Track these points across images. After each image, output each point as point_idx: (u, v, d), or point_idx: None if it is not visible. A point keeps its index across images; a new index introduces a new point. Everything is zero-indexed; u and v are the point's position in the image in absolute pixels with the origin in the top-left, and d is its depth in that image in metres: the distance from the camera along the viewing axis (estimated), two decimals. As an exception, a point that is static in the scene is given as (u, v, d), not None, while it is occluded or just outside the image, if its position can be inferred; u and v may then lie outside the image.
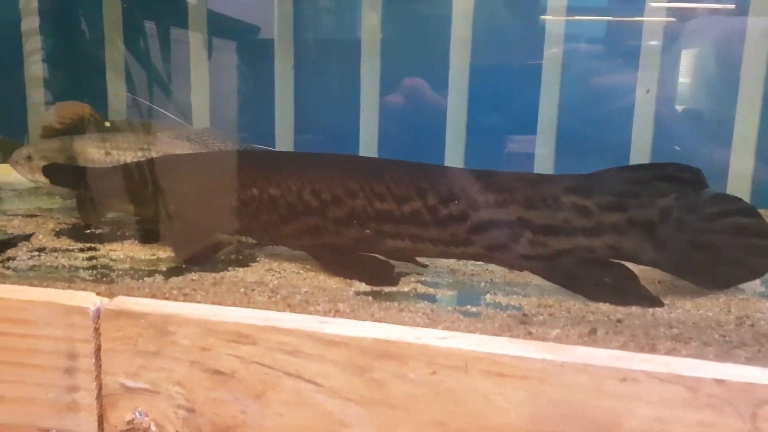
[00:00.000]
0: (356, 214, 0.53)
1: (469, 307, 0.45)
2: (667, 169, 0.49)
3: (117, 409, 0.38)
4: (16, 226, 0.68)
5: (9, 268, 0.53)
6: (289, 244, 0.59)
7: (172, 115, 0.95)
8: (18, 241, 0.61)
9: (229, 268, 0.54)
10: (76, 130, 0.78)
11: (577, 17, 0.89)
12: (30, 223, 0.70)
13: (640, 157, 0.87)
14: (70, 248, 0.60)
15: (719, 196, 0.49)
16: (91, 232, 0.68)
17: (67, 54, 1.08)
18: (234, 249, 0.61)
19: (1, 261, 0.55)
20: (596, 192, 0.48)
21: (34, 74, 1.04)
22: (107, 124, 0.80)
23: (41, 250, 0.59)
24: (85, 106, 0.80)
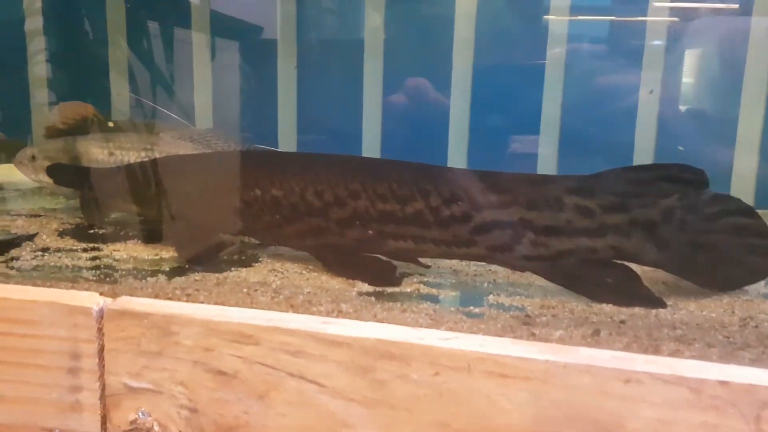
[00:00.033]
0: (359, 214, 0.53)
1: (472, 307, 0.45)
2: (670, 169, 0.49)
3: (120, 409, 0.38)
4: (19, 226, 0.68)
5: (13, 268, 0.53)
6: (292, 244, 0.59)
7: (175, 115, 0.96)
8: (22, 241, 0.61)
9: (232, 269, 0.54)
10: (79, 130, 0.78)
11: (580, 17, 0.89)
12: (34, 223, 0.70)
13: (643, 157, 0.86)
14: (74, 248, 0.60)
15: (719, 196, 0.49)
16: (94, 232, 0.68)
17: (71, 54, 1.08)
18: (237, 249, 0.61)
19: (4, 261, 0.55)
20: (599, 193, 0.48)
21: (38, 74, 1.04)
22: (110, 124, 0.80)
23: (45, 250, 0.59)
24: (88, 107, 0.80)
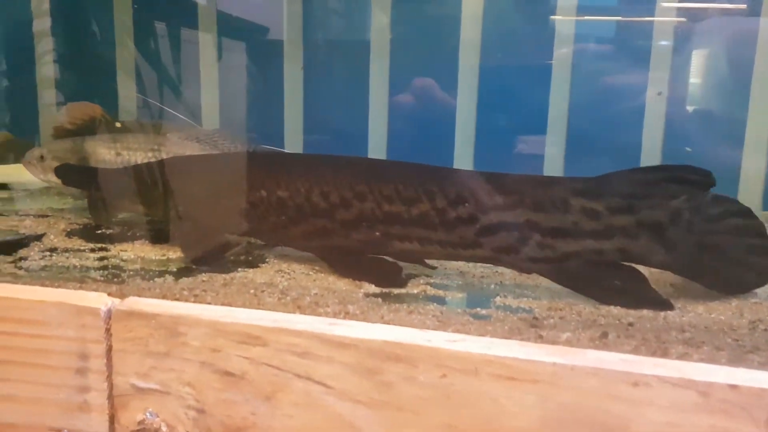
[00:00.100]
0: (364, 216, 0.53)
1: (478, 309, 0.45)
2: (678, 171, 0.49)
3: (128, 409, 0.38)
4: (27, 226, 0.68)
5: (21, 268, 0.54)
6: (298, 245, 0.59)
7: (181, 116, 0.96)
8: (30, 241, 0.61)
9: (239, 269, 0.54)
10: (87, 130, 0.78)
11: (587, 17, 0.89)
12: (42, 223, 0.71)
13: (650, 158, 0.86)
14: (82, 248, 0.60)
15: (719, 197, 0.48)
16: (102, 232, 0.68)
17: (78, 55, 1.08)
18: (243, 250, 0.62)
19: (13, 261, 0.55)
20: (606, 194, 0.48)
21: (46, 75, 1.05)
22: (118, 124, 0.80)
23: (53, 250, 0.59)
24: (96, 107, 0.80)
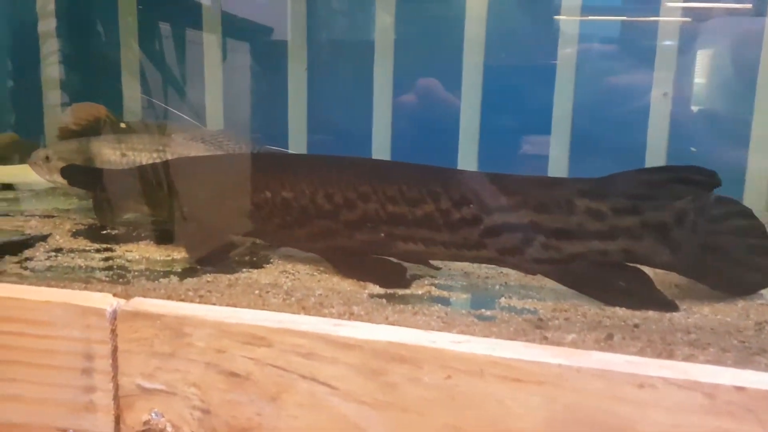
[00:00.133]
0: (369, 217, 0.53)
1: (483, 310, 0.45)
2: (683, 171, 0.49)
3: (133, 409, 0.38)
4: (33, 227, 0.69)
5: (26, 268, 0.54)
6: (302, 246, 0.59)
7: (186, 116, 0.96)
8: (35, 241, 0.62)
9: (244, 270, 0.54)
10: (92, 131, 0.79)
11: (591, 17, 0.89)
12: (47, 223, 0.71)
13: (655, 158, 0.86)
14: (87, 249, 0.61)
15: (722, 199, 0.48)
16: (107, 232, 0.69)
17: (83, 56, 1.09)
18: (247, 250, 0.62)
19: (18, 261, 0.55)
20: (610, 195, 0.48)
21: (51, 76, 1.05)
22: (123, 125, 0.80)
23: (58, 250, 0.59)
24: (100, 108, 0.81)
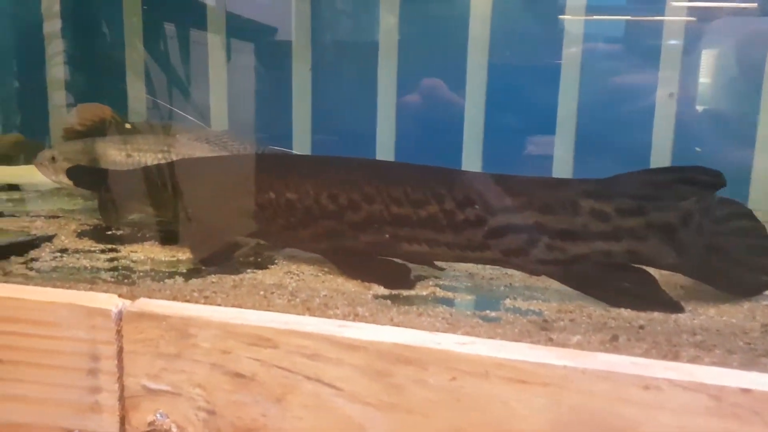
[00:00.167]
0: (373, 218, 0.53)
1: (488, 312, 0.45)
2: (688, 172, 0.48)
3: (139, 410, 0.38)
4: (38, 227, 0.69)
5: (32, 269, 0.54)
6: (306, 247, 0.59)
7: (190, 117, 0.96)
8: (41, 242, 0.62)
9: (248, 271, 0.54)
10: (97, 131, 0.79)
11: (596, 17, 0.88)
12: (52, 224, 0.71)
13: (660, 158, 0.86)
14: (92, 249, 0.61)
15: (724, 200, 0.48)
16: (112, 233, 0.69)
17: (88, 56, 1.09)
18: (251, 250, 0.62)
19: (24, 262, 0.56)
20: (615, 196, 0.48)
21: (56, 76, 1.05)
22: (128, 125, 0.81)
23: (63, 251, 0.60)
24: (105, 108, 0.81)
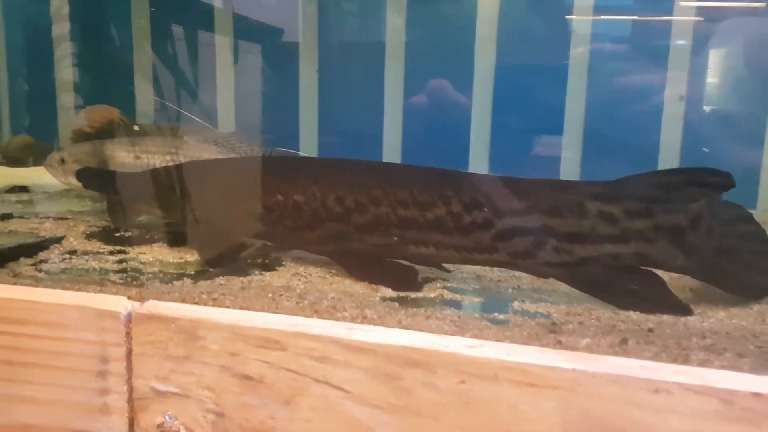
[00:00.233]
0: (380, 220, 0.53)
1: (496, 314, 0.45)
2: (696, 173, 0.48)
3: (147, 412, 0.38)
4: (47, 229, 0.69)
5: (41, 270, 0.54)
6: (313, 249, 0.59)
7: (198, 118, 0.97)
8: (50, 243, 0.62)
9: (256, 273, 0.55)
10: (105, 133, 0.79)
11: (603, 17, 0.88)
12: (61, 225, 0.71)
13: (668, 159, 0.85)
14: (101, 251, 0.61)
15: (728, 203, 0.48)
16: (120, 235, 0.69)
17: (96, 58, 1.10)
18: (258, 252, 0.62)
19: (33, 264, 0.56)
20: (623, 198, 0.48)
21: (64, 79, 1.06)
22: (136, 127, 0.81)
23: (72, 252, 0.60)
24: (114, 110, 0.81)
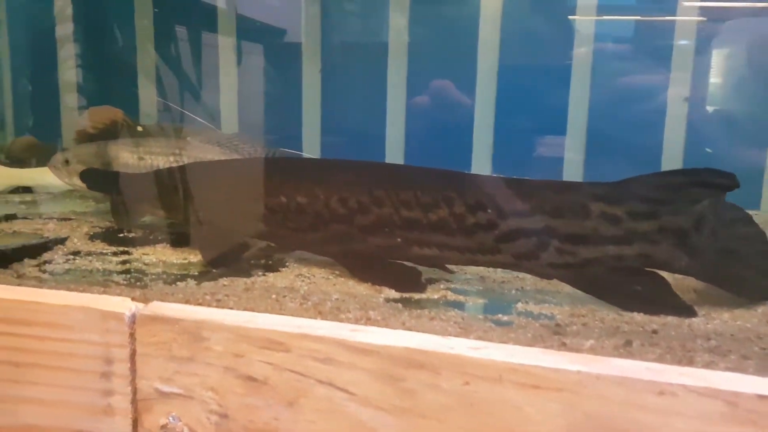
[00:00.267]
0: (383, 221, 0.53)
1: (500, 315, 0.45)
2: (700, 174, 0.48)
3: (151, 413, 0.38)
4: (51, 230, 0.69)
5: (45, 271, 0.54)
6: (316, 250, 0.59)
7: (201, 119, 0.97)
8: (53, 244, 0.62)
9: (259, 273, 0.55)
10: (109, 134, 0.79)
11: (607, 17, 0.88)
12: (65, 226, 0.72)
13: (671, 160, 0.85)
14: (104, 252, 0.61)
15: (727, 204, 0.48)
16: (124, 235, 0.69)
17: (100, 59, 1.10)
18: (261, 252, 0.62)
19: (37, 264, 0.56)
20: (627, 199, 0.48)
21: (68, 80, 1.06)
22: (139, 128, 0.81)
23: (76, 253, 0.60)
24: (117, 111, 0.81)
